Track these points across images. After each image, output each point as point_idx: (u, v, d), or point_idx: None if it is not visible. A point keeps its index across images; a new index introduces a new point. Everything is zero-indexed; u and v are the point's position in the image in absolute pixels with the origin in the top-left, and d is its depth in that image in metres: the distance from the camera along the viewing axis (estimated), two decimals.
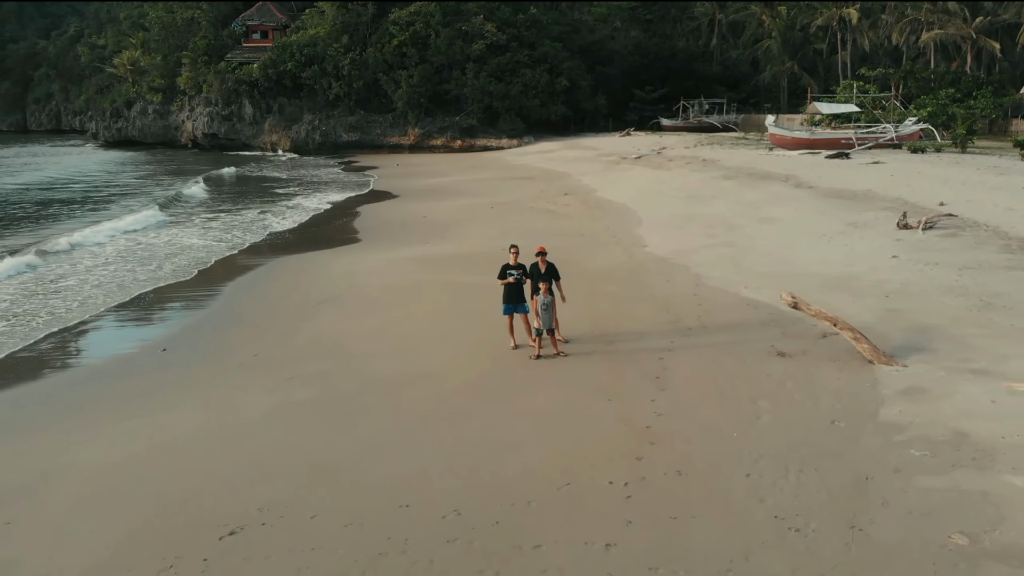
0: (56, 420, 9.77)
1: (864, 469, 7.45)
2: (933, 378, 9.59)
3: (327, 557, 6.37)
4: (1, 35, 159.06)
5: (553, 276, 11.56)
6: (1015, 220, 18.53)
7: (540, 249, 11.66)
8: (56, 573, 6.43)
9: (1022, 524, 6.41)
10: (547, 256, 11.64)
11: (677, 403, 9.30)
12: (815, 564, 6.00)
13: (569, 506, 6.98)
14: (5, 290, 17.41)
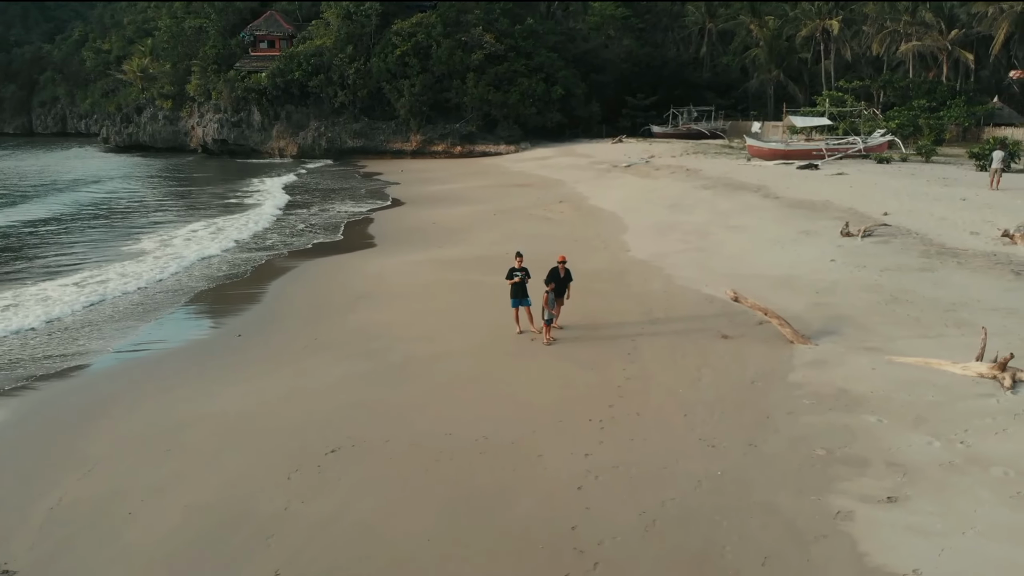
0: (177, 385, 12.95)
1: (767, 411, 10.68)
2: (835, 353, 12.82)
3: (401, 464, 9.58)
4: (6, 39, 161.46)
5: (568, 279, 14.68)
6: (942, 229, 21.80)
7: (561, 258, 14.71)
8: (214, 478, 9.60)
9: (865, 443, 9.63)
10: (565, 264, 14.69)
11: (642, 371, 12.51)
12: (720, 464, 9.22)
13: (561, 433, 10.19)
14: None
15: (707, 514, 8.20)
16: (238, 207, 38.98)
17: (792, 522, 8.00)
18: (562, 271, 14.63)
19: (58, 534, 8.50)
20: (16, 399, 12.73)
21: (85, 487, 9.50)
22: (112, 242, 28.57)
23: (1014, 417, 10.08)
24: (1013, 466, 8.87)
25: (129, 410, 11.93)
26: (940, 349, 12.53)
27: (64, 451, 10.56)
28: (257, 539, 8.10)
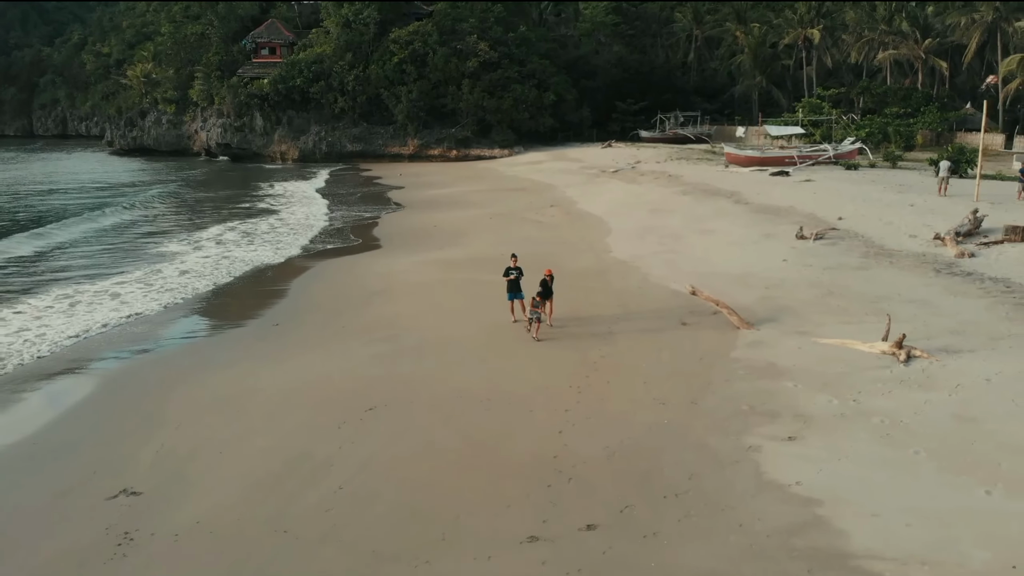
0: (233, 363, 15.77)
1: (709, 379, 13.55)
2: (771, 336, 15.70)
3: (423, 418, 12.41)
4: (6, 42, 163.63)
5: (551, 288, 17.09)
6: (886, 232, 24.73)
7: (548, 272, 17.02)
8: (279, 430, 12.40)
9: (780, 401, 12.49)
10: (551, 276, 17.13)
11: (614, 351, 15.37)
12: (668, 416, 12.08)
13: (547, 395, 13.05)
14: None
15: (653, 449, 11.06)
16: (266, 212, 41.82)
17: (716, 453, 10.86)
18: (551, 282, 16.95)
19: (166, 468, 11.30)
20: (112, 371, 15.56)
21: (179, 437, 12.32)
22: (142, 251, 31.36)
23: (900, 383, 12.97)
24: (889, 416, 11.74)
25: (199, 383, 14.73)
26: (858, 332, 15.39)
27: (154, 412, 13.38)
28: (321, 469, 10.92)
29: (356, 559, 8.75)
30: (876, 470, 10.22)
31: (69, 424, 13.26)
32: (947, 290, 18.19)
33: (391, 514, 9.69)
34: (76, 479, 11.10)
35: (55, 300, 21.60)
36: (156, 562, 8.95)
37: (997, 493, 9.52)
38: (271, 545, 9.12)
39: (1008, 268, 19.66)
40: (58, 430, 13.02)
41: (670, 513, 9.38)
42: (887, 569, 8.11)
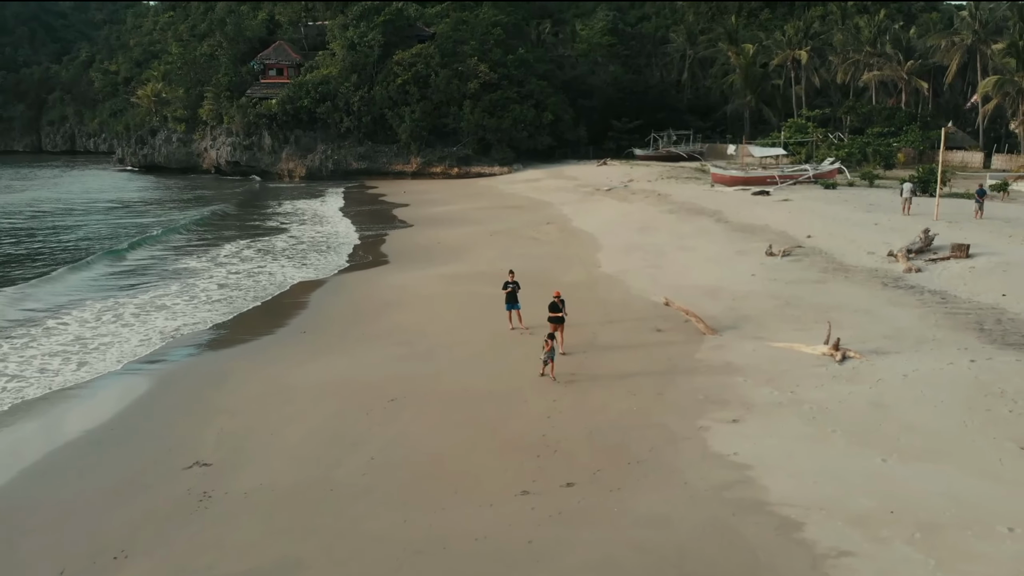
0: (271, 363, 18.39)
1: (675, 375, 16.16)
2: (731, 341, 18.32)
3: (435, 406, 15.02)
4: (14, 60, 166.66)
5: (563, 306, 18.82)
6: (847, 249, 27.38)
7: (556, 293, 18.27)
8: (319, 416, 14.99)
9: (730, 392, 15.05)
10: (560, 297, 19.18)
11: (598, 352, 17.98)
12: (637, 403, 14.68)
13: (538, 388, 15.66)
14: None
15: (624, 428, 13.66)
16: (279, 230, 44.51)
17: (673, 432, 13.46)
18: (559, 303, 18.47)
19: (228, 445, 13.90)
20: (168, 371, 18.20)
21: (235, 422, 14.93)
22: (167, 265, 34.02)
23: (832, 378, 15.58)
24: (817, 404, 14.34)
25: (243, 380, 17.36)
26: (806, 338, 17.99)
27: (210, 403, 16.00)
28: (355, 445, 13.53)
29: (388, 508, 11.35)
30: (798, 444, 12.83)
31: (140, 413, 15.87)
32: (889, 301, 20.83)
33: (413, 477, 12.30)
34: (155, 455, 13.71)
35: (100, 312, 24.20)
36: (232, 513, 11.54)
37: (891, 460, 12.12)
38: (321, 500, 11.72)
39: (947, 282, 22.29)
40: (131, 418, 15.63)
41: (632, 475, 11.98)
42: (792, 512, 10.70)
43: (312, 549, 10.42)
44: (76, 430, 15.11)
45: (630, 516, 10.83)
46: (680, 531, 10.42)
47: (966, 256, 24.70)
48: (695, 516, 10.74)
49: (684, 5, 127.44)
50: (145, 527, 11.26)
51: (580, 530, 10.53)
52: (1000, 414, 13.37)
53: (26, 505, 12.26)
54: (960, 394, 14.26)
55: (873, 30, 77.94)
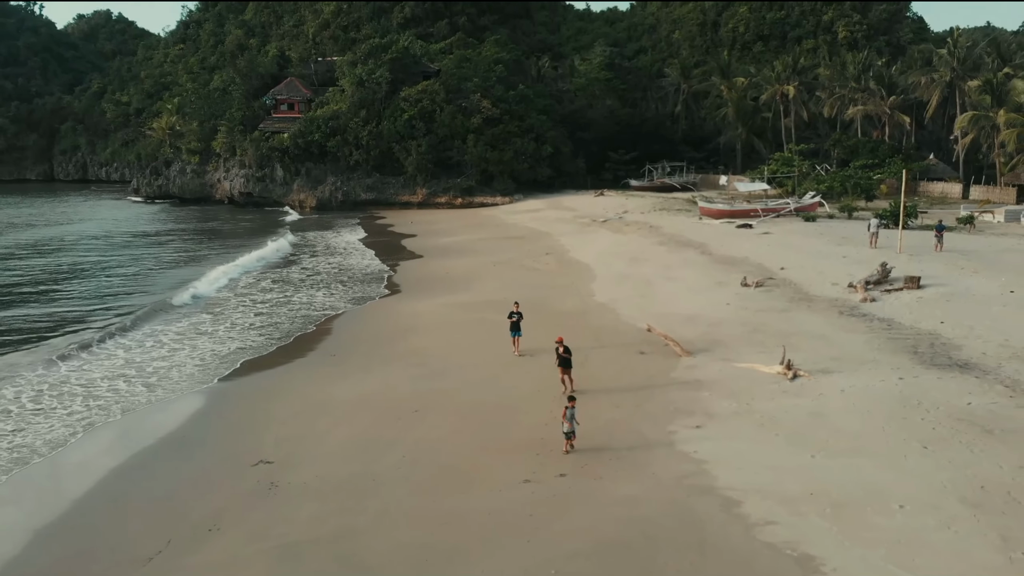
0: (309, 382, 21.51)
1: (652, 391, 19.27)
2: (703, 362, 21.43)
3: (452, 415, 18.12)
4: (27, 90, 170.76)
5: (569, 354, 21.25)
6: (815, 281, 30.55)
7: (559, 339, 19.45)
8: (357, 424, 18.07)
9: (696, 404, 18.13)
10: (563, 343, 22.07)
11: (588, 372, 21.06)
12: (621, 413, 17.79)
13: (538, 402, 18.75)
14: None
15: (607, 433, 16.75)
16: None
17: (647, 436, 16.55)
18: (562, 349, 19.30)
19: (284, 447, 16.97)
20: (222, 389, 21.34)
21: (287, 429, 18.03)
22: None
23: (782, 392, 18.69)
24: (767, 414, 17.42)
25: (288, 396, 20.49)
26: (767, 359, 21.08)
27: (264, 415, 19.11)
28: (389, 446, 16.62)
29: (419, 493, 14.44)
30: (746, 445, 15.92)
31: (208, 423, 18.99)
32: (842, 328, 23.98)
33: (437, 469, 15.40)
34: (227, 454, 16.82)
35: (142, 338, 27.36)
36: (295, 497, 14.61)
37: (819, 456, 15.19)
38: (365, 487, 14.80)
39: (895, 311, 25.43)
40: (201, 427, 18.75)
41: (612, 468, 15.08)
42: (734, 494, 13.77)
43: (362, 522, 13.50)
44: (158, 436, 18.22)
45: (609, 497, 13.91)
46: (648, 508, 13.50)
47: (917, 287, 27.90)
48: (660, 497, 13.83)
49: (680, 39, 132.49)
50: (229, 508, 14.34)
51: (570, 507, 13.62)
52: (913, 421, 16.46)
53: (131, 491, 15.37)
54: (884, 405, 17.37)
55: (858, 66, 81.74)
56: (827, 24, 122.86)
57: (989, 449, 14.94)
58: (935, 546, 11.91)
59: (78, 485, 15.90)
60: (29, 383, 22.05)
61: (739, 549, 12.11)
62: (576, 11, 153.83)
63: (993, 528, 12.27)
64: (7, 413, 19.75)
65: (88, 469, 16.64)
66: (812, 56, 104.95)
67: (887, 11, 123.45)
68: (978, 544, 11.87)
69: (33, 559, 13.25)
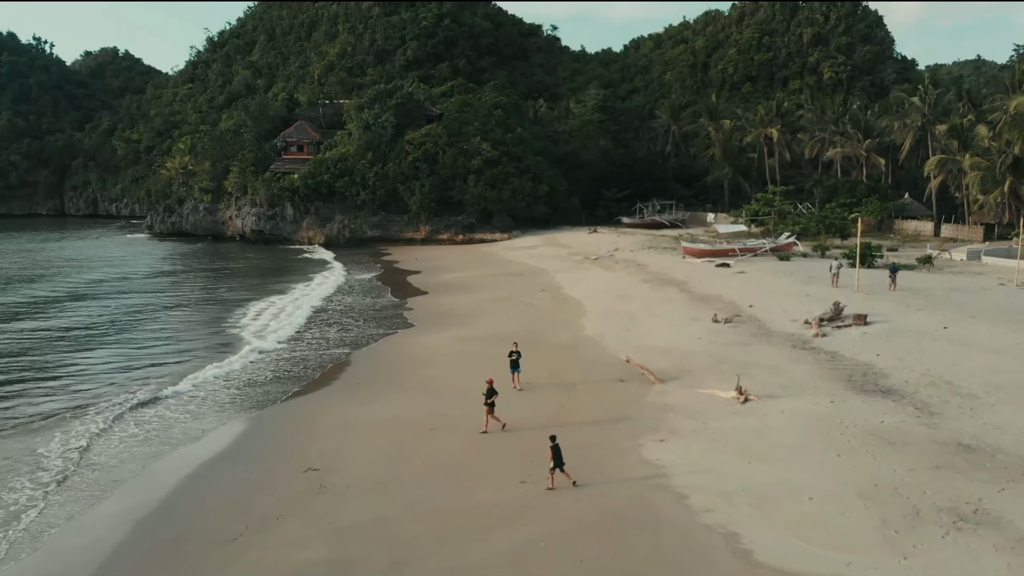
0: (338, 405, 25.49)
1: (627, 412, 23.24)
2: (672, 389, 25.44)
3: (462, 434, 22.07)
4: (38, 127, 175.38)
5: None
6: (777, 317, 34.61)
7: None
8: (384, 439, 22.03)
9: (663, 422, 22.13)
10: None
11: (575, 398, 25.06)
12: (601, 431, 21.76)
13: (533, 422, 22.71)
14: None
15: (588, 446, 20.67)
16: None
17: (620, 447, 20.50)
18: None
19: (327, 458, 20.88)
20: (262, 414, 25.32)
21: (326, 444, 21.97)
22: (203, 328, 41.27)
23: (734, 413, 22.67)
24: (719, 430, 21.38)
25: (323, 418, 24.48)
26: (726, 386, 25.05)
27: (304, 433, 23.06)
28: (411, 457, 20.58)
29: (439, 491, 18.38)
30: (699, 454, 19.89)
31: (257, 440, 22.95)
32: (793, 359, 28.02)
33: (450, 474, 19.36)
34: (279, 463, 20.76)
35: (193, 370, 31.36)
36: (341, 495, 18.53)
37: (755, 463, 19.14)
38: (396, 487, 18.73)
39: (840, 345, 29.47)
40: (251, 444, 22.70)
41: (591, 471, 19.00)
42: (685, 490, 17.69)
43: (394, 513, 17.43)
44: (216, 451, 22.19)
45: (588, 492, 17.88)
46: (617, 499, 17.46)
47: (864, 323, 31.97)
48: (626, 492, 17.80)
49: (671, 79, 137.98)
50: (289, 503, 18.27)
51: (558, 500, 17.59)
52: (834, 436, 20.46)
53: (205, 493, 19.31)
54: (814, 424, 21.37)
55: (836, 110, 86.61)
56: (813, 65, 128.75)
57: (888, 457, 18.93)
58: (830, 526, 15.86)
59: (161, 489, 19.82)
60: (112, 420, 26.06)
61: (684, 528, 16.08)
62: (572, 52, 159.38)
63: (878, 514, 16.21)
64: (108, 439, 23.75)
65: (166, 477, 20.57)
66: (797, 97, 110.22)
67: (871, 52, 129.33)
68: (863, 525, 15.82)
69: (138, 542, 17.14)
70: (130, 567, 16.08)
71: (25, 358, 34.22)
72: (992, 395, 22.94)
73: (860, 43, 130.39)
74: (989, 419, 21.09)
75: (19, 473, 20.91)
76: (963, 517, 15.79)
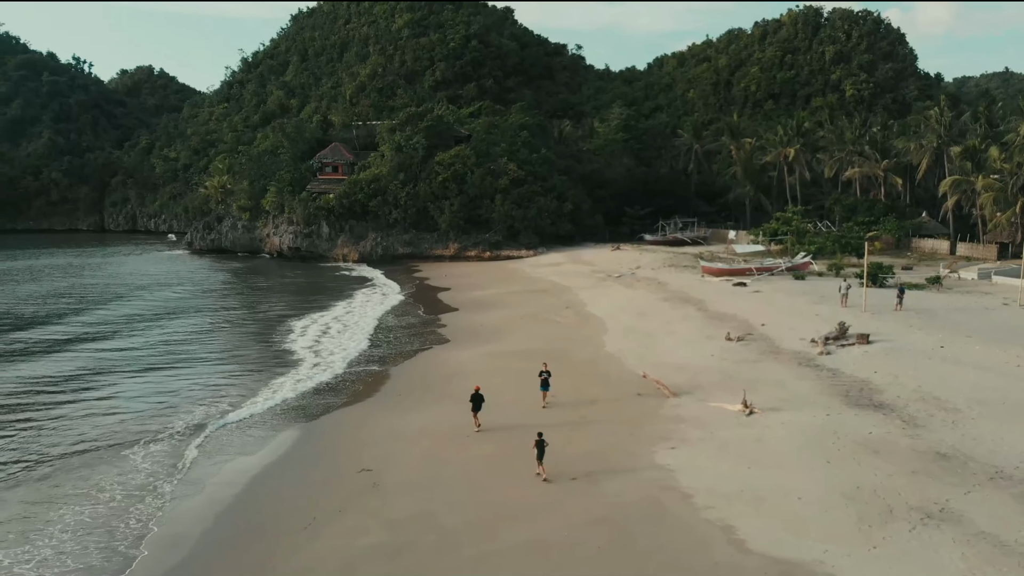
0: (384, 414, 28.45)
1: (643, 423, 25.94)
2: (685, 402, 28.10)
3: (495, 437, 24.91)
4: (79, 145, 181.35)
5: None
6: (787, 336, 37.07)
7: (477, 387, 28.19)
8: (427, 442, 24.92)
9: (676, 433, 24.79)
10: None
11: (596, 410, 27.78)
12: (617, 439, 24.50)
13: (559, 430, 25.46)
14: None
15: (605, 452, 23.41)
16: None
17: (634, 453, 23.19)
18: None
19: (378, 459, 23.76)
20: (318, 422, 28.36)
21: (376, 449, 24.89)
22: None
23: (739, 425, 25.28)
24: (725, 440, 23.99)
25: (370, 425, 27.45)
26: (733, 400, 27.66)
27: (355, 440, 26.02)
28: (451, 460, 23.43)
29: (475, 488, 21.20)
30: (705, 460, 22.55)
31: (312, 446, 25.95)
32: (797, 376, 30.54)
33: (486, 474, 22.19)
34: (335, 466, 23.72)
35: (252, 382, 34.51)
36: (393, 492, 21.42)
37: (753, 468, 21.75)
38: (439, 485, 21.58)
39: (842, 362, 31.93)
40: (308, 449, 25.69)
41: (607, 474, 21.73)
42: (690, 491, 20.36)
43: (439, 507, 20.28)
44: (278, 455, 25.23)
45: (603, 491, 20.62)
46: (629, 497, 20.18)
47: (866, 343, 34.39)
48: (638, 491, 20.52)
49: (694, 98, 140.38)
50: (348, 499, 21.20)
51: (578, 497, 20.35)
52: (826, 445, 23.02)
53: (272, 490, 22.31)
54: (809, 435, 23.93)
55: (854, 131, 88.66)
56: (835, 83, 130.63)
57: (871, 463, 21.47)
58: (814, 521, 18.46)
59: (233, 487, 22.83)
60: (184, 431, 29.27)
61: (687, 521, 18.78)
62: (596, 71, 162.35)
63: (856, 512, 18.77)
64: (184, 447, 26.93)
65: (236, 476, 23.59)
66: (819, 113, 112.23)
67: (893, 70, 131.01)
68: (842, 520, 18.41)
69: (221, 530, 20.14)
70: (218, 550, 19.06)
71: (111, 375, 37.11)
72: (974, 410, 25.35)
73: (882, 61, 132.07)
74: (968, 431, 23.54)
75: (112, 479, 24.08)
76: (930, 515, 18.32)
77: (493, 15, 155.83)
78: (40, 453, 26.07)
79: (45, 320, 52.88)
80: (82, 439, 27.30)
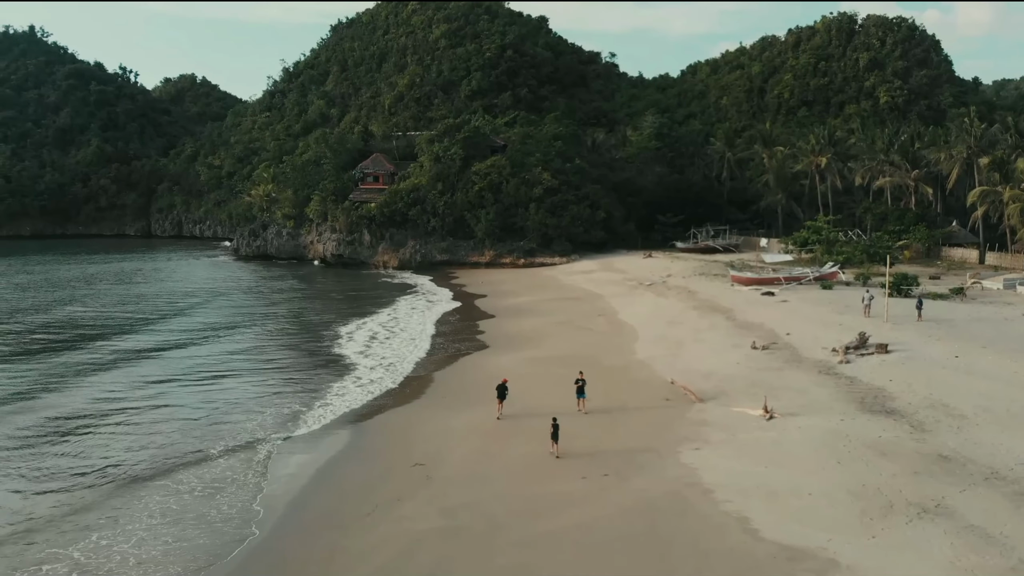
0: (432, 415, 31.13)
1: (670, 425, 28.29)
2: (711, 407, 30.37)
3: (528, 430, 27.45)
4: (126, 153, 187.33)
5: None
6: (810, 345, 39.07)
7: (504, 379, 32.08)
8: (469, 444, 27.50)
9: (700, 434, 27.11)
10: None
11: (625, 415, 30.16)
12: (644, 441, 26.87)
13: (591, 432, 27.91)
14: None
15: (633, 452, 25.78)
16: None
17: (660, 453, 25.54)
18: (498, 386, 32.00)
19: (431, 455, 26.37)
20: (370, 423, 31.14)
21: (426, 446, 27.55)
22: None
23: (759, 428, 27.52)
24: (746, 441, 26.23)
25: (420, 425, 30.15)
26: (755, 405, 29.86)
27: (406, 438, 28.71)
28: (496, 456, 26.01)
29: (520, 482, 23.74)
30: (726, 460, 24.84)
31: (369, 443, 28.69)
32: (817, 383, 32.62)
33: (525, 469, 24.74)
34: (391, 460, 26.43)
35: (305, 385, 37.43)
36: (445, 483, 24.03)
37: (770, 468, 23.99)
38: (486, 479, 24.16)
39: (860, 371, 33.90)
40: (365, 446, 28.44)
41: (635, 472, 24.14)
42: (711, 486, 22.68)
43: (487, 497, 22.86)
44: (336, 450, 28.02)
45: (632, 487, 23.05)
46: (655, 492, 22.59)
47: (885, 352, 36.31)
48: (663, 487, 22.91)
49: (727, 104, 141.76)
50: (404, 489, 23.87)
51: (609, 492, 22.81)
52: (837, 447, 25.18)
53: (334, 482, 25.06)
54: (823, 437, 26.09)
55: (885, 141, 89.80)
56: (869, 90, 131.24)
57: (878, 464, 23.62)
58: (821, 514, 20.71)
59: (300, 480, 25.62)
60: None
61: (706, 513, 21.14)
62: (629, 78, 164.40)
63: (859, 507, 20.97)
64: (254, 450, 29.88)
65: (301, 469, 26.39)
66: (852, 121, 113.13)
67: (927, 76, 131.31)
68: (847, 514, 20.62)
69: (295, 515, 22.90)
70: (294, 533, 21.83)
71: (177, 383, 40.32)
72: (980, 416, 27.30)
73: (917, 67, 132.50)
74: (970, 436, 25.55)
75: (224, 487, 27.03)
76: (926, 510, 20.47)
77: (528, 24, 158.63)
78: (125, 457, 29.13)
79: (112, 332, 55.24)
80: (162, 443, 29.95)
